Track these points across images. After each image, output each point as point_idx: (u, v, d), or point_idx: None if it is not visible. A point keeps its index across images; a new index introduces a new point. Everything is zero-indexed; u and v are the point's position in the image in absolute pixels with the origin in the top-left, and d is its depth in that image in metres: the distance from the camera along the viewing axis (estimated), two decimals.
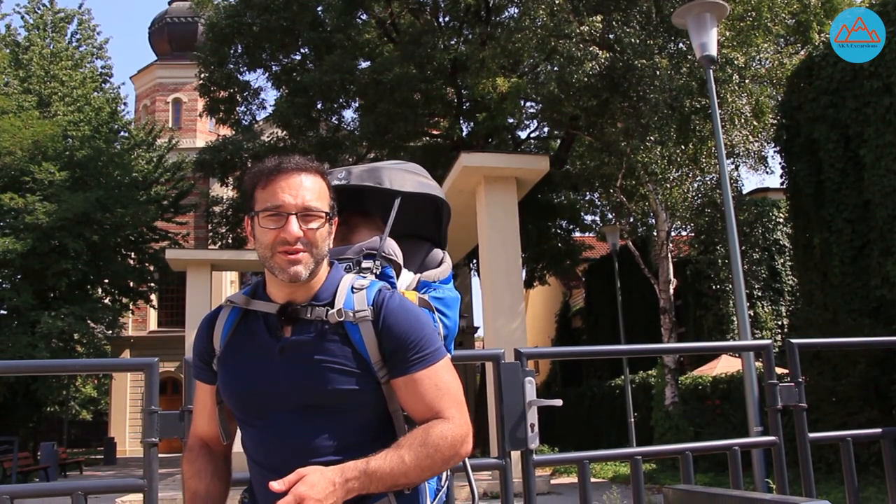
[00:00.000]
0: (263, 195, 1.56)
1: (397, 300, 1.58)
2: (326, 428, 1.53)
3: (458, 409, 1.56)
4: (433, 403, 1.55)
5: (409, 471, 1.47)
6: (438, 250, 2.00)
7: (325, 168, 1.66)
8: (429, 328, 1.59)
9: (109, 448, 25.99)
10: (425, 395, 1.55)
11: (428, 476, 1.52)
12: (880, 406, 9.74)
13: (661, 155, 13.44)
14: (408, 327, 1.55)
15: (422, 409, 1.55)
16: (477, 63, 15.81)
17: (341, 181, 1.85)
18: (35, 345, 19.13)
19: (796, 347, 3.34)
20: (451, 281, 1.93)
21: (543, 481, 11.79)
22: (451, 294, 1.87)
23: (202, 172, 21.17)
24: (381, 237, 1.77)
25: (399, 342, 1.54)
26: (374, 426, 1.57)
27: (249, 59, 19.92)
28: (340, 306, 1.56)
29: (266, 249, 1.55)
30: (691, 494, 1.70)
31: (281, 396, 1.54)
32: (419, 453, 1.48)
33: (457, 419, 1.55)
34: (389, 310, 1.55)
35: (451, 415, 1.55)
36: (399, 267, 1.77)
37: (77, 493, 2.45)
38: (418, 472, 1.48)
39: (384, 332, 1.54)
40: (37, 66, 24.14)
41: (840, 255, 10.41)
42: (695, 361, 16.44)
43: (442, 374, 1.57)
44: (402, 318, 1.56)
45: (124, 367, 5.16)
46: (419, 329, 1.57)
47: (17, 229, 19.56)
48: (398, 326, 1.55)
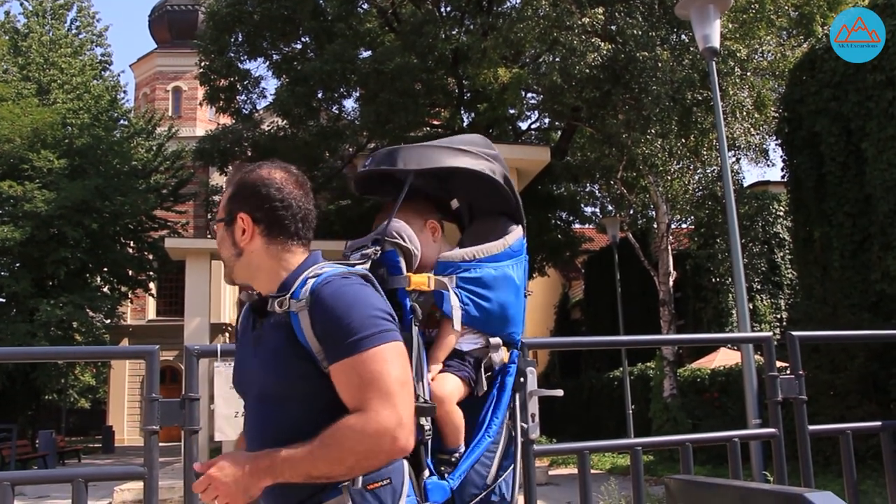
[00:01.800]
0: None
1: (334, 287, 1.54)
2: (276, 417, 1.55)
3: (381, 400, 1.47)
4: (356, 393, 1.49)
5: (317, 462, 1.45)
6: (514, 226, 1.92)
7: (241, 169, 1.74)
8: (361, 313, 1.51)
9: (108, 436, 26.05)
10: (351, 385, 1.49)
11: (342, 470, 1.47)
12: (879, 400, 9.75)
13: (663, 147, 13.42)
14: (336, 314, 1.51)
15: (349, 399, 1.50)
16: (478, 53, 15.75)
17: (365, 168, 1.85)
18: (34, 333, 19.13)
19: (797, 340, 3.33)
20: (506, 258, 1.84)
21: (542, 472, 11.82)
22: (493, 273, 1.79)
23: (202, 161, 21.11)
24: (386, 221, 1.74)
25: (327, 330, 1.51)
26: (321, 415, 1.52)
27: (250, 48, 19.83)
28: (288, 296, 1.57)
29: None
30: (692, 484, 1.70)
31: (250, 385, 1.63)
32: (326, 446, 1.45)
33: (374, 412, 1.46)
34: (321, 296, 1.52)
35: (370, 407, 1.46)
36: (408, 250, 1.72)
37: (78, 480, 2.44)
38: (327, 465, 1.45)
39: (316, 320, 1.52)
40: (36, 54, 24.06)
41: (840, 249, 10.40)
42: (693, 354, 16.45)
43: (370, 363, 1.48)
44: (331, 306, 1.51)
45: (125, 355, 5.18)
46: (347, 316, 1.50)
47: (16, 217, 19.53)
48: (326, 314, 1.51)
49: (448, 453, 1.74)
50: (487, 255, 1.81)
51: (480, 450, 1.74)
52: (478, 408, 1.81)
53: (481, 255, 1.81)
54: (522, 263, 1.91)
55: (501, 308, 1.78)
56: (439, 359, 1.77)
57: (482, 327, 1.79)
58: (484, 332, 1.81)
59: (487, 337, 1.81)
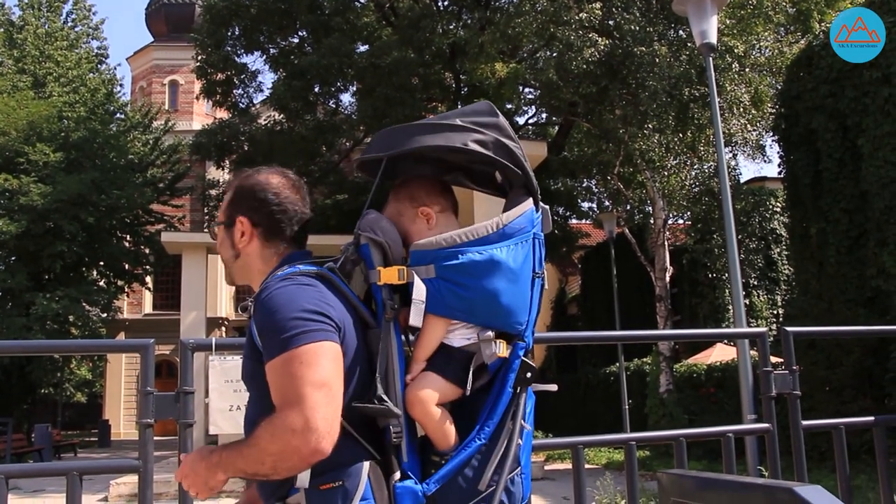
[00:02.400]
0: None
1: (269, 291, 1.58)
2: (250, 411, 1.66)
3: (289, 403, 1.46)
4: (277, 395, 1.51)
5: (246, 460, 1.51)
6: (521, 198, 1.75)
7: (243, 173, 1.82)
8: (282, 317, 1.51)
9: (104, 430, 26.04)
10: (273, 387, 1.52)
11: (266, 470, 1.48)
12: (874, 395, 9.78)
13: (660, 142, 13.43)
14: (265, 318, 1.55)
15: (275, 400, 1.52)
16: (476, 48, 15.74)
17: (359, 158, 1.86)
18: (30, 327, 19.12)
19: (791, 335, 3.34)
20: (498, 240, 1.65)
21: (538, 467, 11.84)
22: (475, 257, 1.62)
23: (198, 155, 21.08)
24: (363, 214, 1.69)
25: (261, 334, 1.57)
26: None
27: (247, 42, 19.81)
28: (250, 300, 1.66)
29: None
30: (685, 478, 1.69)
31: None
32: (248, 445, 1.51)
33: (283, 415, 1.46)
34: (258, 301, 1.59)
35: (279, 409, 1.48)
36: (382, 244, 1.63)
37: (73, 473, 2.44)
38: (252, 463, 1.50)
39: (255, 324, 1.59)
40: (31, 46, 23.97)
41: (836, 245, 10.42)
42: (689, 349, 16.48)
43: (286, 366, 1.49)
44: (264, 309, 1.56)
45: (121, 349, 5.14)
46: (272, 319, 1.53)
47: (12, 210, 19.49)
48: (260, 318, 1.57)
49: (440, 455, 1.64)
50: (473, 237, 1.64)
51: (468, 453, 1.61)
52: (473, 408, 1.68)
53: (464, 239, 1.63)
54: (528, 243, 1.71)
55: (488, 296, 1.61)
56: (419, 357, 1.66)
57: (467, 318, 1.64)
58: (476, 325, 1.65)
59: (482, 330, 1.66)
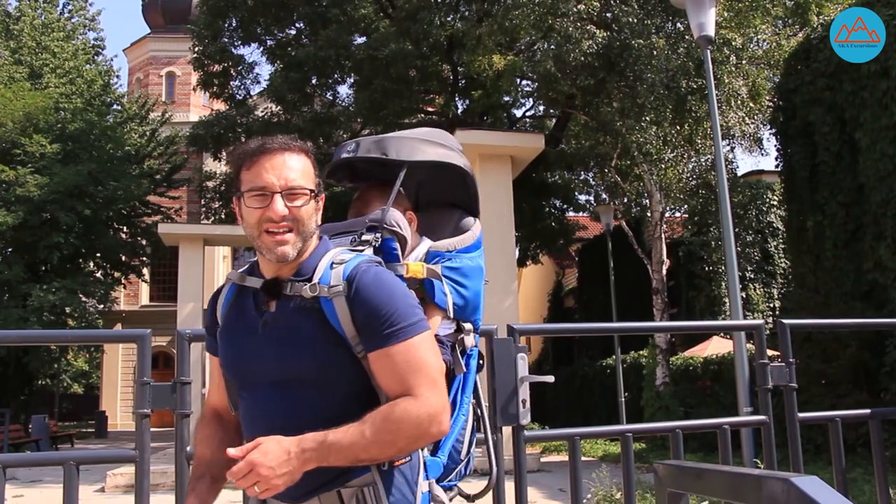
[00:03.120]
0: (248, 176, 1.59)
1: (372, 274, 1.56)
2: (303, 403, 1.54)
3: (429, 386, 1.52)
4: (403, 380, 1.52)
5: (368, 446, 1.45)
6: (470, 218, 2.00)
7: (309, 146, 1.68)
8: (403, 302, 1.55)
9: (101, 421, 26.04)
10: (395, 371, 1.52)
11: (391, 453, 1.50)
12: (869, 389, 9.80)
13: (657, 135, 13.41)
14: (379, 301, 1.53)
15: (392, 385, 1.53)
16: (473, 40, 15.68)
17: (350, 154, 1.84)
18: (26, 318, 19.08)
19: (788, 328, 3.35)
20: (475, 249, 1.94)
21: (534, 459, 11.87)
22: (470, 263, 1.88)
23: (195, 147, 21.00)
24: (383, 209, 1.74)
25: (370, 316, 1.52)
26: (354, 401, 1.55)
27: (244, 33, 19.72)
28: (316, 281, 1.56)
29: (253, 229, 1.58)
30: (681, 469, 1.70)
31: (261, 371, 1.57)
32: (380, 429, 1.46)
33: (425, 397, 1.50)
34: (362, 284, 1.54)
35: (419, 392, 1.50)
36: (404, 238, 1.74)
37: (69, 463, 2.44)
38: (378, 447, 1.47)
39: (356, 306, 1.53)
40: (28, 37, 23.87)
41: (833, 239, 10.43)
42: (686, 342, 16.51)
43: (415, 350, 1.53)
44: (374, 293, 1.53)
45: (117, 339, 5.15)
46: (391, 303, 1.53)
47: (8, 202, 19.45)
48: (369, 300, 1.52)
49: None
50: (463, 245, 1.90)
51: (458, 427, 1.80)
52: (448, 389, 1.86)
53: (459, 246, 1.89)
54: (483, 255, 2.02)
55: (475, 296, 1.88)
56: None
57: (459, 314, 1.84)
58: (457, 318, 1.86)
59: (458, 322, 1.86)
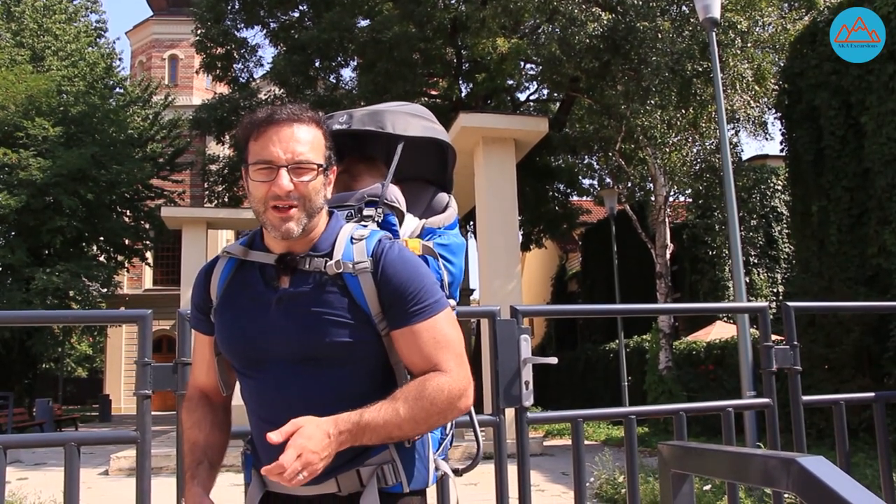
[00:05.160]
0: (255, 147, 1.52)
1: (397, 250, 1.54)
2: (325, 380, 1.51)
3: (457, 361, 1.53)
4: (431, 356, 1.51)
5: (402, 423, 1.44)
6: (444, 195, 1.94)
7: (321, 116, 1.61)
8: (429, 279, 1.55)
9: (105, 405, 26.14)
10: (423, 348, 1.51)
11: (423, 429, 1.50)
12: (873, 374, 9.79)
13: (661, 119, 13.35)
14: (407, 278, 1.51)
15: (420, 361, 1.52)
16: (477, 23, 15.60)
17: (342, 125, 1.77)
18: (30, 301, 19.15)
19: (793, 310, 3.32)
20: (456, 226, 1.88)
21: (536, 443, 11.90)
22: (456, 240, 1.83)
23: (198, 130, 20.99)
24: (383, 184, 1.71)
25: (397, 294, 1.51)
26: (374, 379, 1.54)
27: (247, 16, 19.64)
28: (339, 257, 1.52)
29: (259, 204, 1.52)
30: (685, 450, 1.68)
31: (278, 348, 1.52)
32: (414, 406, 1.45)
33: (455, 372, 1.51)
34: (388, 260, 1.51)
35: (449, 367, 1.51)
36: (402, 214, 1.71)
37: (70, 444, 2.43)
38: (412, 424, 1.46)
39: (383, 284, 1.51)
40: (29, 19, 23.79)
41: (837, 224, 10.39)
42: (689, 327, 16.51)
43: (441, 327, 1.53)
44: (401, 269, 1.51)
45: (118, 319, 5.16)
46: (418, 280, 1.53)
47: (11, 185, 19.45)
48: (397, 277, 1.51)
49: None
50: (448, 223, 1.85)
51: None
52: None
53: (448, 222, 1.85)
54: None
55: (460, 273, 1.84)
56: None
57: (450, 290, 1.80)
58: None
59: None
